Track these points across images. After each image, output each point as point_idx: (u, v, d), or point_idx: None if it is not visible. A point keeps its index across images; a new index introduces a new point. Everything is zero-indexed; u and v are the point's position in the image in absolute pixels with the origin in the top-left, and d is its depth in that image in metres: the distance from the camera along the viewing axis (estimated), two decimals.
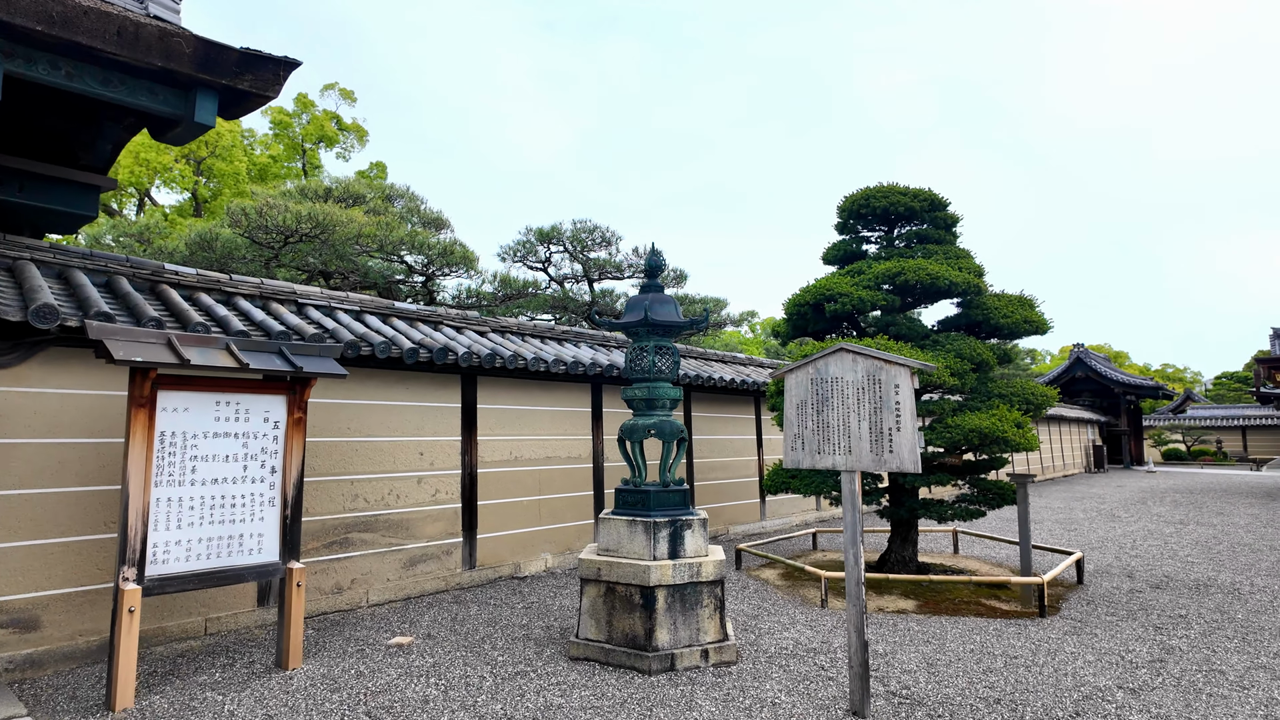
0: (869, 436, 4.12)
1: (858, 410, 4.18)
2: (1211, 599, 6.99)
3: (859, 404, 4.17)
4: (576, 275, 13.97)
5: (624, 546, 5.13)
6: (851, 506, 4.17)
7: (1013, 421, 6.89)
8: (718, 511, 11.09)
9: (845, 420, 4.21)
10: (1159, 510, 15.29)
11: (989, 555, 9.61)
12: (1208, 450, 39.99)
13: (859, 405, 4.17)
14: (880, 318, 7.81)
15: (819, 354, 4.33)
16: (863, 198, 8.11)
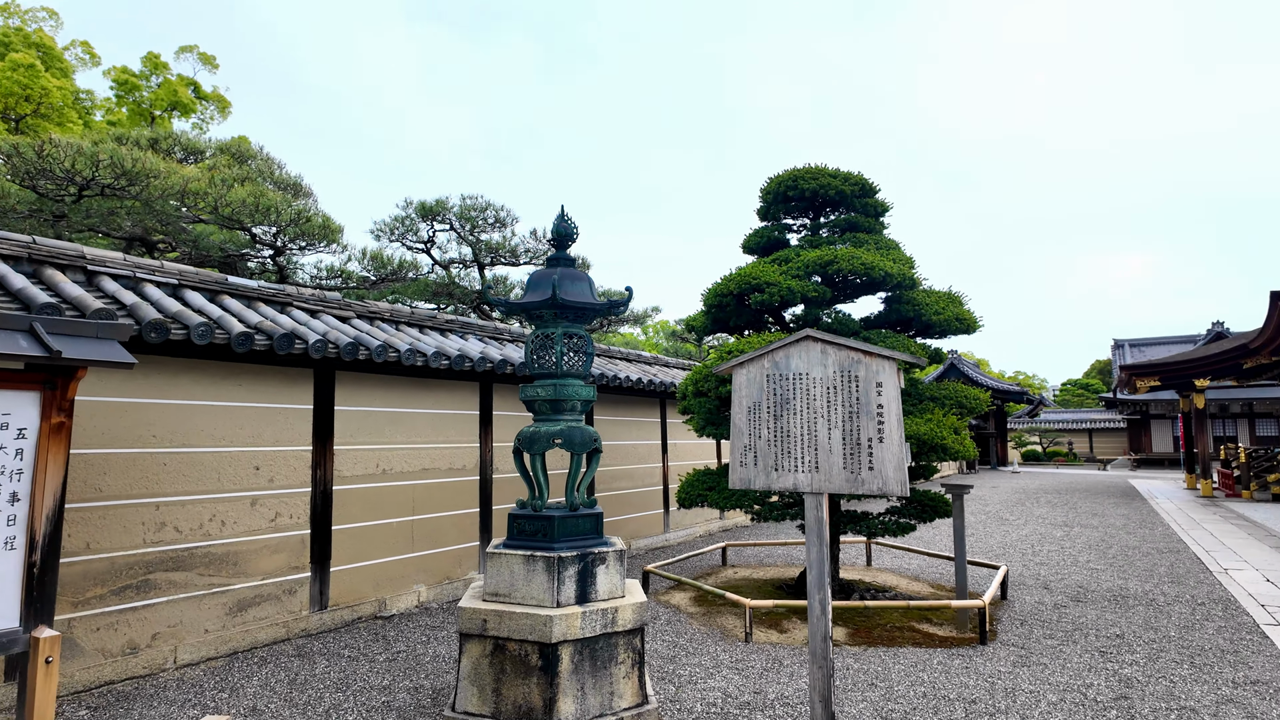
0: (842, 449, 3.21)
1: (828, 415, 3.26)
2: (1136, 613, 6.67)
3: (829, 408, 3.25)
4: (465, 260, 12.46)
5: (518, 590, 3.98)
6: (818, 539, 3.24)
7: (950, 427, 6.28)
8: (620, 525, 10.07)
9: (811, 428, 3.28)
10: (1040, 512, 15.68)
11: (902, 567, 9.13)
12: (1060, 451, 43.19)
13: (829, 409, 3.25)
14: (807, 312, 7.05)
15: (779, 343, 3.38)
16: (789, 179, 7.34)
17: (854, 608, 6.05)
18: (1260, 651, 5.44)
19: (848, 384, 3.22)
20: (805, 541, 3.27)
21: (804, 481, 3.28)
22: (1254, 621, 6.31)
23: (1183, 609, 6.82)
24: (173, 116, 26.26)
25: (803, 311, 7.34)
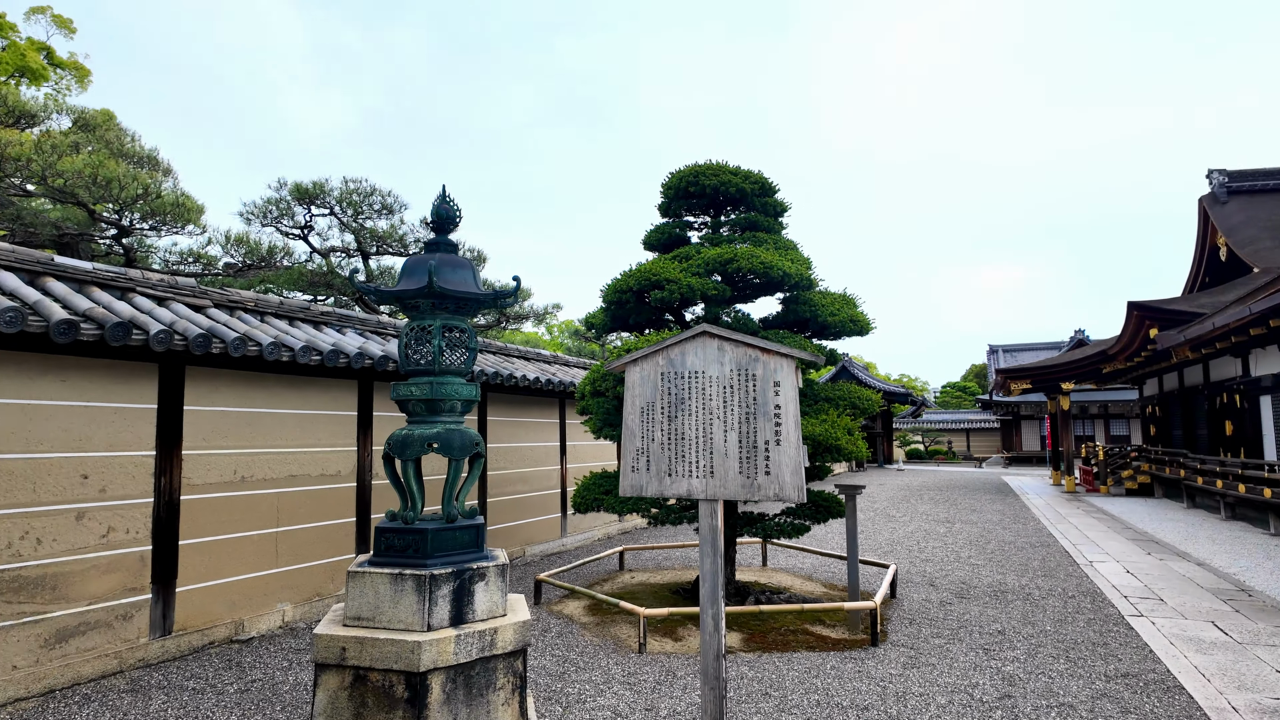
0: (738, 453, 3.00)
1: (724, 417, 3.04)
2: (1014, 608, 6.91)
3: (726, 408, 3.04)
4: (348, 248, 11.56)
5: (384, 613, 3.56)
6: (712, 549, 3.01)
7: (844, 428, 6.28)
8: (513, 531, 9.64)
9: (707, 430, 3.05)
10: (923, 509, 16.37)
11: (796, 567, 9.18)
12: (941, 450, 45.77)
13: (726, 410, 3.04)
14: (708, 311, 6.90)
15: (674, 339, 3.13)
16: (690, 175, 7.17)
17: (749, 612, 5.93)
18: (1127, 643, 5.69)
19: (745, 383, 3.01)
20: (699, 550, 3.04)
21: (699, 488, 3.04)
22: (1119, 613, 6.65)
23: (1056, 603, 7.12)
24: (21, 83, 23.51)
25: (703, 310, 7.20)
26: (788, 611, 6.06)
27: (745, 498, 2.93)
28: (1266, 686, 4.61)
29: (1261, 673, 4.86)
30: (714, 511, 2.99)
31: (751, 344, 3.00)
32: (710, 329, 3.06)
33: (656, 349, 3.16)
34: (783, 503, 3.03)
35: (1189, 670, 4.95)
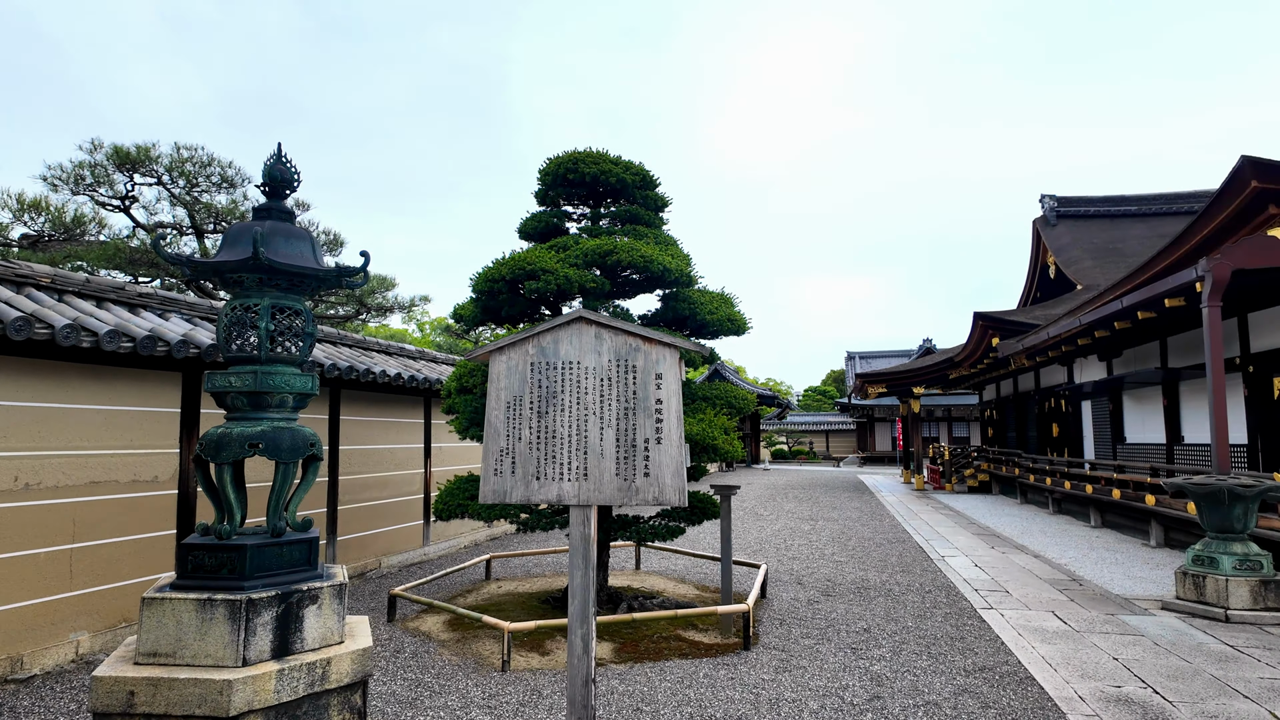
0: (615, 452, 2.69)
1: (600, 412, 2.72)
2: (877, 605, 7.07)
3: (603, 403, 2.72)
4: (180, 224, 10.16)
5: (188, 647, 2.95)
6: (584, 561, 2.68)
7: (721, 428, 6.15)
8: (368, 541, 8.87)
9: (582, 427, 2.72)
10: (789, 507, 16.88)
11: (669, 569, 9.05)
12: (803, 450, 47.96)
13: (603, 405, 2.72)
14: (586, 305, 6.57)
15: (546, 325, 2.77)
16: (569, 162, 6.82)
17: (622, 621, 5.65)
18: (981, 636, 5.91)
19: (624, 375, 2.70)
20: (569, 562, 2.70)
21: (570, 492, 2.70)
22: (972, 606, 6.95)
23: (915, 598, 7.37)
24: None
25: (581, 305, 6.87)
26: (661, 618, 5.83)
27: (622, 502, 2.62)
28: (1106, 674, 4.87)
29: (1100, 660, 5.15)
30: (587, 519, 2.66)
31: (632, 332, 2.70)
32: (587, 314, 2.73)
33: (526, 336, 2.80)
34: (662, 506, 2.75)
35: (1038, 661, 5.16)
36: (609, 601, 6.69)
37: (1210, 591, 6.35)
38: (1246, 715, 4.09)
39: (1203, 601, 6.40)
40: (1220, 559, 6.38)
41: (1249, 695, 4.39)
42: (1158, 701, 4.33)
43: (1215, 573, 6.37)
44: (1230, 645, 5.45)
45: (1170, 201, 22.38)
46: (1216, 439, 6.97)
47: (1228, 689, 4.51)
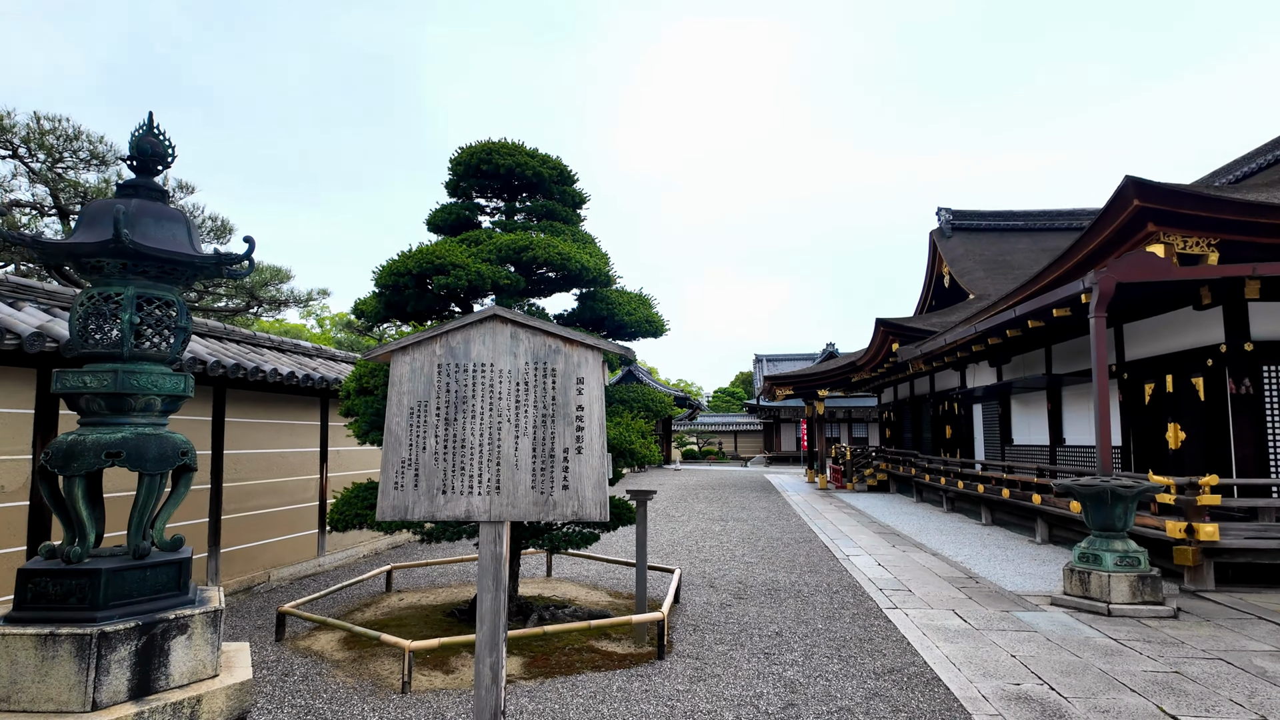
0: (532, 463, 2.48)
1: (516, 420, 2.50)
2: (788, 607, 7.12)
3: (519, 409, 2.50)
4: (40, 204, 9.03)
5: (25, 689, 2.53)
6: (494, 582, 2.46)
7: (638, 431, 6.01)
8: (256, 553, 8.22)
9: (494, 436, 2.50)
10: (700, 507, 17.00)
11: (582, 575, 8.85)
12: (713, 450, 48.72)
13: (519, 412, 2.50)
14: (500, 303, 6.29)
15: (457, 323, 2.53)
16: (483, 152, 6.51)
17: (532, 635, 5.41)
18: (888, 637, 6.02)
19: (543, 379, 2.50)
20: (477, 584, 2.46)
21: (481, 508, 2.47)
22: (878, 606, 7.10)
23: (823, 599, 7.47)
24: None
25: (494, 302, 6.57)
26: (573, 630, 5.63)
27: (538, 518, 2.42)
28: (1005, 672, 5.03)
29: (999, 658, 5.33)
30: (499, 536, 2.44)
31: (553, 333, 2.50)
32: (502, 313, 2.51)
33: (433, 335, 2.54)
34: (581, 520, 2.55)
35: (942, 661, 5.29)
36: (519, 613, 6.43)
37: (1095, 587, 6.72)
38: (1135, 709, 4.30)
39: (1088, 597, 6.77)
40: (1103, 556, 6.77)
41: (1135, 689, 4.62)
42: (1054, 699, 4.49)
43: (1099, 569, 6.75)
44: (1114, 639, 5.77)
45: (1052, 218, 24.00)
46: (1101, 442, 7.40)
47: (1116, 683, 4.74)
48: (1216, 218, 7.59)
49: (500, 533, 2.47)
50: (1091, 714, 4.24)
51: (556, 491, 2.45)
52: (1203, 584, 7.48)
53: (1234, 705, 4.31)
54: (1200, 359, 9.09)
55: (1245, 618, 6.40)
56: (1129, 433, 10.75)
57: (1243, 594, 7.30)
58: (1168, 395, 9.83)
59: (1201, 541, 7.44)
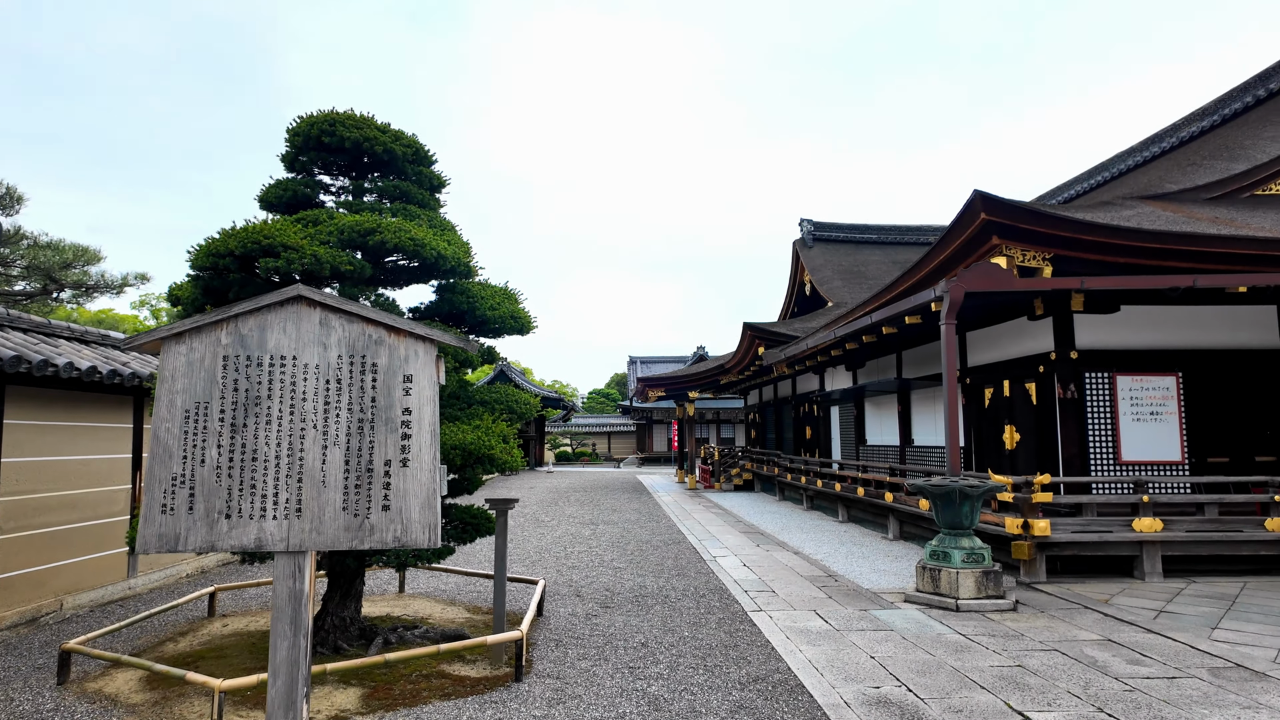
0: (343, 479, 2.03)
1: (324, 425, 2.05)
2: (655, 614, 6.92)
3: (329, 413, 2.05)
4: None
5: None
6: (291, 626, 1.99)
7: (499, 435, 5.58)
8: (45, 577, 7.00)
9: (296, 445, 2.03)
10: (570, 511, 16.65)
11: (438, 589, 8.26)
12: (586, 452, 48.51)
13: (328, 416, 2.05)
14: (344, 292, 5.64)
15: (249, 305, 2.05)
16: (325, 123, 5.84)
17: (373, 664, 4.84)
18: (753, 643, 5.93)
19: (360, 376, 2.06)
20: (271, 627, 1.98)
21: (276, 534, 2.00)
22: (743, 609, 7.04)
23: (690, 604, 7.33)
24: None
25: (338, 292, 5.90)
26: (421, 655, 5.10)
27: (353, 546, 1.98)
28: (866, 675, 5.03)
29: (860, 660, 5.35)
30: (299, 569, 1.98)
31: (374, 320, 2.07)
32: (309, 293, 2.05)
33: (218, 318, 2.04)
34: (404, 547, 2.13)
35: (806, 666, 5.24)
36: (361, 637, 5.81)
37: (944, 583, 6.99)
38: (985, 707, 4.39)
39: (938, 593, 7.03)
40: (952, 553, 7.06)
41: (985, 686, 4.74)
42: (912, 701, 4.51)
43: (948, 566, 7.03)
44: (963, 635, 5.98)
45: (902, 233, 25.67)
46: (950, 444, 7.75)
47: (968, 681, 4.85)
48: (1051, 233, 8.17)
49: (301, 565, 2.00)
50: (946, 714, 4.28)
51: (375, 513, 2.02)
52: (1036, 576, 8.02)
53: (1072, 698, 4.50)
54: (1033, 366, 9.81)
55: (1074, 608, 6.87)
56: (971, 434, 11.49)
57: (1070, 584, 7.89)
58: (1005, 399, 10.56)
59: (1035, 536, 7.97)
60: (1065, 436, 9.18)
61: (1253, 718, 4.18)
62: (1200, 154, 13.02)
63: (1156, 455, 9.16)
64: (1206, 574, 8.22)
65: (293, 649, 1.97)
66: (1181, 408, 9.30)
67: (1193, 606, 6.87)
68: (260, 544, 2.01)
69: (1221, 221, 8.91)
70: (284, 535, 2.01)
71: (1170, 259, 8.22)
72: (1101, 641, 5.73)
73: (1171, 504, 8.51)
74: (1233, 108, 14.14)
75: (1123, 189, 14.29)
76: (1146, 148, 16.25)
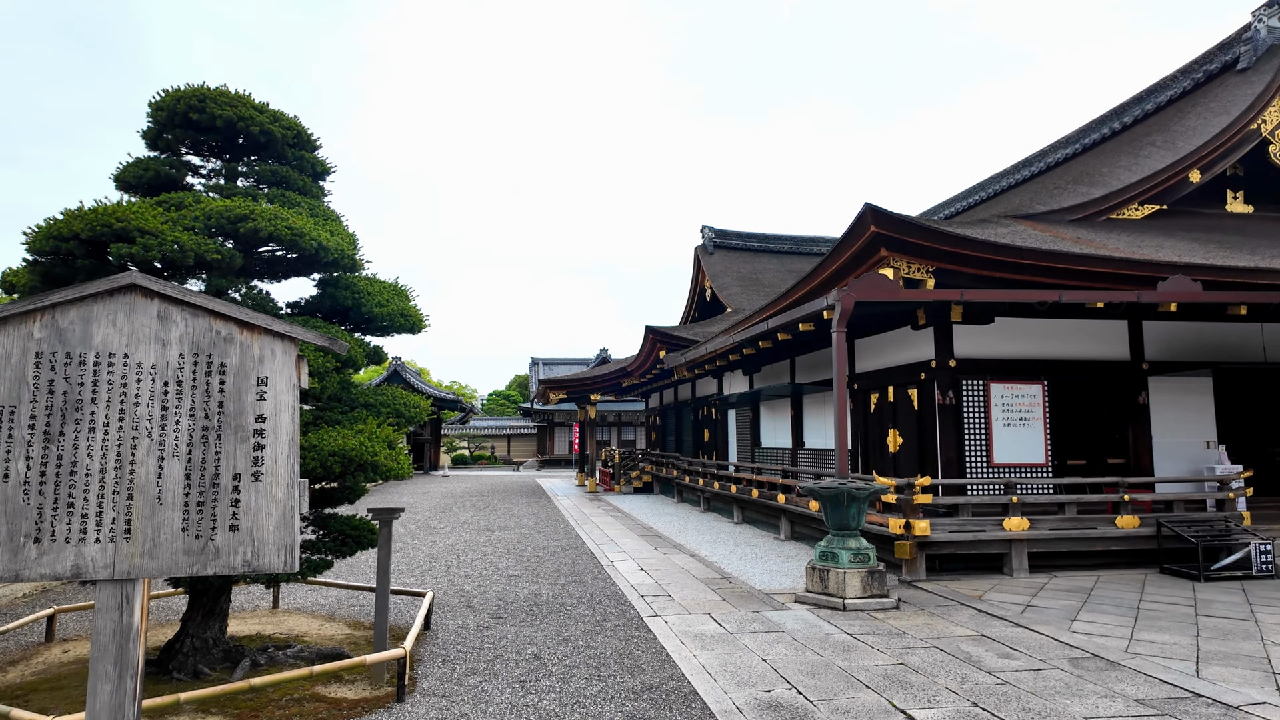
0: (183, 496, 1.78)
1: (160, 435, 1.78)
2: (549, 623, 6.75)
3: (166, 419, 1.79)
4: None
5: None
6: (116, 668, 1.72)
7: (384, 439, 5.25)
8: None
9: (126, 457, 1.76)
10: (465, 517, 16.16)
11: (317, 604, 7.75)
12: (485, 455, 47.45)
13: (165, 422, 1.79)
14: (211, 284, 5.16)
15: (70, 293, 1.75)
16: (194, 99, 5.33)
17: (235, 691, 4.42)
18: (648, 649, 5.87)
19: (206, 378, 1.81)
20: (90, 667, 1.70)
21: (99, 561, 1.72)
22: (639, 615, 6.98)
23: (586, 611, 7.20)
24: None
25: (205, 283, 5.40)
26: (294, 678, 4.72)
27: (194, 573, 1.73)
28: (757, 678, 5.07)
29: (752, 664, 5.39)
30: (127, 601, 1.71)
31: (223, 314, 1.82)
32: (145, 282, 1.78)
33: (30, 308, 1.74)
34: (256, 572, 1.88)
35: (699, 671, 5.22)
36: (226, 659, 5.33)
37: (833, 584, 7.19)
38: (870, 706, 4.50)
39: (827, 593, 7.23)
40: (840, 554, 7.27)
41: (871, 685, 4.87)
42: (801, 703, 4.57)
43: (836, 566, 7.23)
44: (850, 634, 6.15)
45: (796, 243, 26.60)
46: (839, 447, 8.00)
47: (855, 681, 4.97)
48: (935, 248, 8.60)
49: (130, 595, 1.73)
50: (834, 716, 4.35)
51: (221, 534, 1.78)
52: (917, 574, 8.41)
53: (950, 694, 4.69)
54: (916, 373, 10.31)
55: (951, 604, 7.23)
56: (857, 437, 11.96)
57: (948, 581, 8.31)
58: (889, 404, 11.05)
59: (916, 536, 8.35)
60: (944, 440, 9.69)
61: (1109, 706, 4.49)
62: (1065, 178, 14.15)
63: (1024, 458, 9.82)
64: (1066, 569, 8.87)
65: (117, 693, 1.70)
66: (1046, 414, 10.01)
67: (1055, 600, 7.38)
68: (79, 572, 1.73)
69: (1083, 241, 9.67)
70: (108, 561, 1.74)
71: (1039, 275, 8.83)
72: (976, 637, 6.04)
73: (1037, 504, 9.13)
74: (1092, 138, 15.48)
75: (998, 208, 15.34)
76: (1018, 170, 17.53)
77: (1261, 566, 8.39)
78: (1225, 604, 7.25)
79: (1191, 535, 8.48)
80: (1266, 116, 11.94)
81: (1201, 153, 11.68)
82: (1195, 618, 6.70)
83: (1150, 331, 10.46)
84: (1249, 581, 8.27)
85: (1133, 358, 10.41)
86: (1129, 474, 9.98)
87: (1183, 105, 13.81)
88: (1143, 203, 11.75)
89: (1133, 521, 8.91)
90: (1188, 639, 6.00)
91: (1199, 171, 11.72)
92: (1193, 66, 14.04)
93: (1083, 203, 11.65)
